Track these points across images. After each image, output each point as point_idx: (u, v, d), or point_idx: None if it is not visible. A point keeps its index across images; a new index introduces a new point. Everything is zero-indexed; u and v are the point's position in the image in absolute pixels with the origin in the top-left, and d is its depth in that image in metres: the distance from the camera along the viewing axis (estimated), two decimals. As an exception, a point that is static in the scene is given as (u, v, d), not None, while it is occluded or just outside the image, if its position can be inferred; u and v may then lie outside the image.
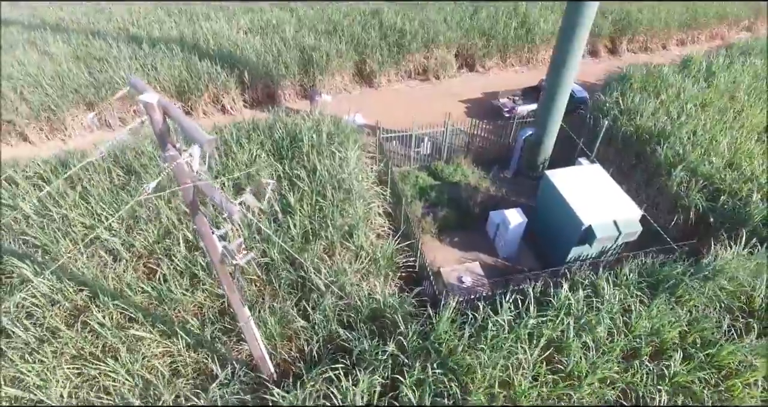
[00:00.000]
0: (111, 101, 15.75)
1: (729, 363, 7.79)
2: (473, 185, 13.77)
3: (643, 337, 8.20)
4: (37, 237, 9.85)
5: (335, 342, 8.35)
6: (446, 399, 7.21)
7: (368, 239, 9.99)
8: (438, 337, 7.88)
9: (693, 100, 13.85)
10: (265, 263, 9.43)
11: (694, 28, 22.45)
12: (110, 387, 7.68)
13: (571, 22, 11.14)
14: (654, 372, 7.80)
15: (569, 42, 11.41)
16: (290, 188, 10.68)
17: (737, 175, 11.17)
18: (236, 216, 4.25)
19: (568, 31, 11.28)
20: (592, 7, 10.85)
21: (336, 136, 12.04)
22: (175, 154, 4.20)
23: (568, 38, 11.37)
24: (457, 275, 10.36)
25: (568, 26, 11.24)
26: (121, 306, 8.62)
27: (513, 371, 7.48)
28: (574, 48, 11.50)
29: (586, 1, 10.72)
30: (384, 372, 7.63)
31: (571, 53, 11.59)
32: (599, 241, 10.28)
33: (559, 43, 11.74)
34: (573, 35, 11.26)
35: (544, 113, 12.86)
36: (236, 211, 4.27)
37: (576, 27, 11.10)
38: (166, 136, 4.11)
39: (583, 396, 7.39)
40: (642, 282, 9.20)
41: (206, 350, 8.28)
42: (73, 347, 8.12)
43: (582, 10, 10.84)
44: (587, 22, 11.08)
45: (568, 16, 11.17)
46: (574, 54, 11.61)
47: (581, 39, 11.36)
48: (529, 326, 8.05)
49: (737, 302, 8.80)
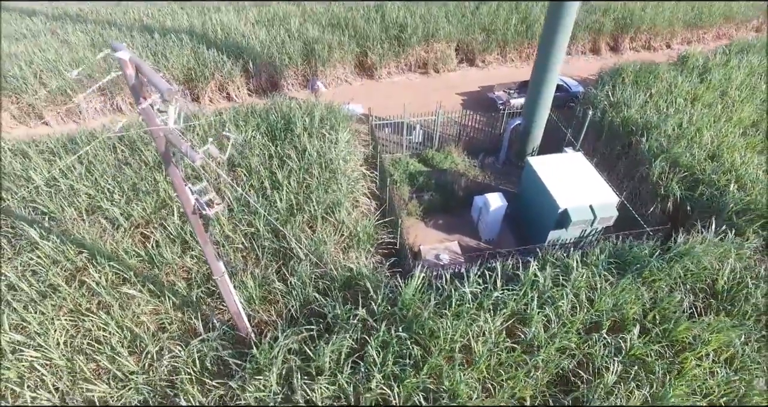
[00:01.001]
0: (95, 61, 16.37)
1: (684, 338, 8.08)
2: (462, 172, 14.19)
3: (604, 313, 8.53)
4: (45, 205, 10.65)
5: (311, 306, 8.89)
6: (407, 360, 7.68)
7: (350, 215, 10.51)
8: (405, 303, 8.35)
9: (683, 95, 14.02)
10: (251, 233, 10.04)
11: (700, 28, 22.40)
12: (101, 337, 8.35)
13: (555, 13, 11.49)
14: (612, 345, 8.14)
15: (554, 33, 11.75)
16: (280, 165, 11.28)
17: (717, 166, 11.36)
18: (198, 162, 4.82)
19: (553, 21, 11.62)
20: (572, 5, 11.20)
21: (328, 120, 12.60)
22: (148, 106, 4.78)
23: (553, 29, 11.71)
24: (435, 253, 10.80)
25: (552, 17, 11.58)
26: (116, 268, 9.31)
27: (473, 338, 7.90)
28: (558, 39, 11.84)
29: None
30: (354, 335, 8.14)
31: (556, 45, 11.94)
32: (574, 224, 10.61)
33: (544, 34, 12.09)
34: (557, 25, 11.59)
35: (531, 104, 13.21)
36: (198, 158, 4.84)
37: (560, 18, 11.44)
38: (139, 90, 4.70)
39: (538, 363, 7.77)
40: (611, 263, 9.53)
41: (191, 309, 8.91)
42: (71, 302, 8.84)
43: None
44: (571, 14, 11.41)
45: (550, 13, 11.52)
46: (558, 46, 11.95)
47: (566, 29, 11.67)
48: (492, 298, 8.46)
49: (701, 284, 9.05)
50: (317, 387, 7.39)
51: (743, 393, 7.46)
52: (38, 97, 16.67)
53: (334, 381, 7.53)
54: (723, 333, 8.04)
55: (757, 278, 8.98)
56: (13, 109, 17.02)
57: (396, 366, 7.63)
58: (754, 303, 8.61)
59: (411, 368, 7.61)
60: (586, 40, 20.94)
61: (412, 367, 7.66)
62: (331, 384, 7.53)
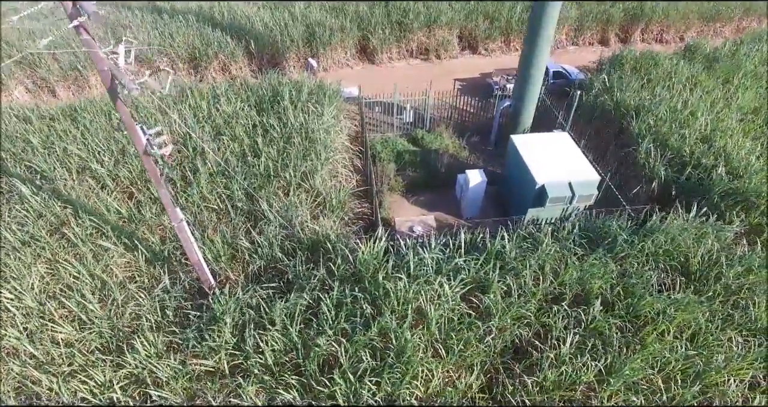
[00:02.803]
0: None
1: (647, 313, 7.86)
2: (451, 152, 14.13)
3: (568, 285, 8.38)
4: (39, 165, 11.16)
5: (275, 265, 9.05)
6: (359, 318, 7.73)
7: (326, 184, 10.63)
8: (362, 263, 8.40)
9: (683, 81, 13.61)
10: (227, 195, 10.28)
11: (717, 21, 21.64)
12: (72, 284, 8.70)
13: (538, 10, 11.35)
14: (572, 317, 7.99)
15: (542, 12, 11.56)
16: (263, 134, 11.50)
17: (706, 149, 10.99)
18: (135, 93, 5.02)
19: (539, 6, 11.45)
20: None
21: (315, 95, 12.77)
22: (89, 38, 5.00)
23: (541, 7, 11.53)
24: (409, 225, 10.81)
25: (536, 12, 11.44)
26: (95, 222, 9.69)
27: (427, 301, 7.88)
28: (546, 19, 11.61)
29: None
30: (312, 294, 8.24)
31: (543, 25, 11.71)
32: (552, 201, 10.44)
33: (532, 14, 11.89)
34: (545, 4, 11.42)
35: (520, 85, 13.05)
36: (134, 88, 5.03)
37: (543, 13, 11.31)
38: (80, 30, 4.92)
39: (491, 329, 7.69)
40: (583, 238, 9.35)
41: (161, 263, 9.18)
42: (50, 251, 9.24)
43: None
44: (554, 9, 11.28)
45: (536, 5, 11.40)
46: (546, 25, 11.72)
47: (554, 9, 11.46)
48: (452, 264, 8.42)
49: (673, 263, 8.79)
50: (268, 337, 7.53)
51: (702, 370, 7.21)
52: (51, 71, 17.45)
53: (286, 333, 7.65)
54: (688, 309, 7.79)
55: (732, 260, 8.66)
56: (28, 83, 17.86)
57: (347, 323, 7.69)
58: (724, 283, 8.31)
59: (362, 327, 7.66)
60: (594, 31, 20.53)
61: (364, 326, 7.70)
62: (284, 336, 7.65)
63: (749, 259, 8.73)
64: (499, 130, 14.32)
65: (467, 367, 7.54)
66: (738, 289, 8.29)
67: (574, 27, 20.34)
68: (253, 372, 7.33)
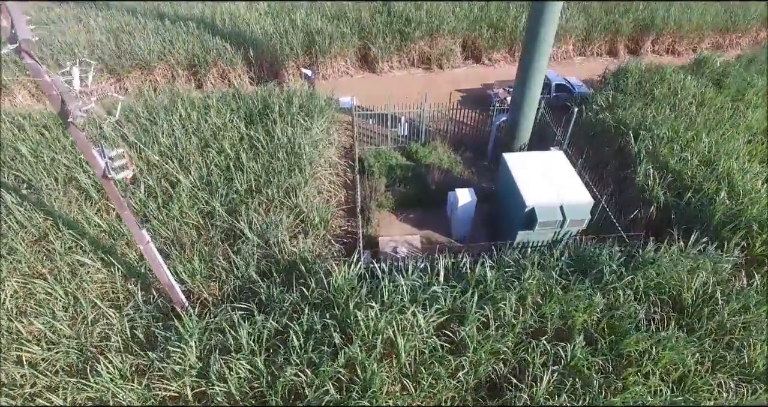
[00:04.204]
0: None
1: (631, 352, 7.42)
2: (445, 167, 13.77)
3: (549, 318, 7.98)
4: (25, 173, 11.16)
5: (249, 286, 8.83)
6: (327, 347, 7.45)
7: (310, 201, 10.38)
8: (336, 289, 8.13)
9: (689, 98, 13.03)
10: (208, 212, 10.11)
11: (733, 32, 20.83)
12: (45, 300, 8.61)
13: (538, 8, 10.91)
14: (551, 353, 7.58)
15: (539, 24, 11.12)
16: (249, 147, 11.32)
17: (709, 172, 10.45)
18: (78, 120, 4.82)
19: (536, 16, 11.03)
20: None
21: (305, 107, 12.56)
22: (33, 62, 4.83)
23: (538, 19, 11.09)
24: (393, 246, 10.50)
25: (537, 6, 10.99)
26: (74, 236, 9.61)
27: (399, 331, 7.56)
28: (543, 31, 11.17)
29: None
30: (282, 319, 8.00)
31: (541, 36, 11.28)
32: (542, 225, 10.01)
33: (529, 25, 11.45)
34: (541, 20, 11.00)
35: (517, 100, 12.63)
36: (79, 116, 4.84)
37: (543, 12, 10.86)
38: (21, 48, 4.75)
39: (464, 364, 7.33)
40: (571, 267, 8.93)
41: (137, 279, 9.05)
42: (26, 264, 9.18)
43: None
44: (554, 13, 10.82)
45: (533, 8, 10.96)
46: (544, 37, 11.30)
47: (551, 20, 11.02)
48: (428, 292, 8.09)
49: (665, 297, 8.31)
50: (233, 364, 7.31)
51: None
52: (54, 77, 17.60)
53: (252, 361, 7.41)
54: (676, 349, 7.33)
55: (728, 295, 8.14)
56: (31, 87, 18.06)
57: (315, 352, 7.42)
58: (718, 321, 7.80)
59: (330, 356, 7.39)
60: (602, 41, 19.93)
61: (332, 355, 7.43)
62: (249, 364, 7.42)
63: (747, 295, 8.21)
64: (496, 145, 13.91)
65: (437, 403, 7.20)
66: (733, 328, 7.79)
67: (582, 37, 19.77)
68: (216, 400, 7.12)
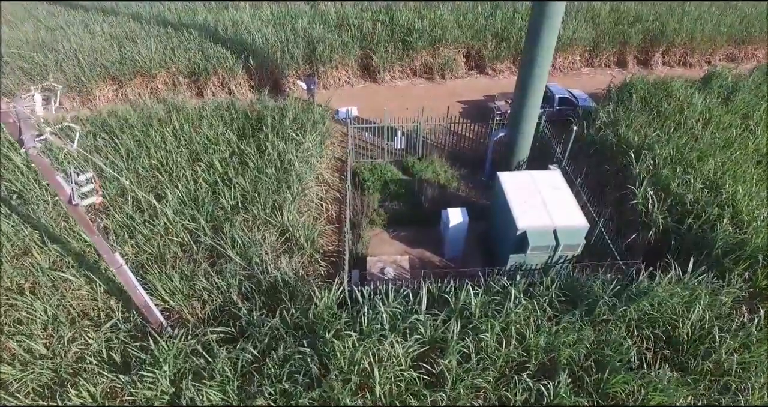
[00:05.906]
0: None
1: (618, 391, 7.05)
2: (441, 183, 13.48)
3: (533, 352, 7.64)
4: (17, 184, 11.18)
5: (229, 308, 8.66)
6: (301, 376, 7.23)
7: (296, 218, 10.19)
8: (316, 316, 7.90)
9: (695, 116, 12.54)
10: (194, 228, 9.98)
11: (749, 43, 20.13)
12: (24, 319, 8.53)
13: (537, 19, 10.53)
14: (533, 390, 7.24)
15: (539, 34, 10.68)
16: (239, 163, 11.19)
17: (712, 197, 9.99)
18: (31, 151, 4.68)
19: (536, 27, 10.66)
20: (557, 5, 10.19)
21: (298, 120, 12.38)
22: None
23: (538, 29, 10.66)
24: (380, 266, 10.24)
25: (535, 23, 10.62)
26: (59, 251, 9.55)
27: (375, 361, 7.30)
28: (544, 41, 10.70)
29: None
30: (260, 345, 7.80)
31: (541, 47, 10.80)
32: (534, 250, 9.67)
33: (529, 35, 10.99)
34: (540, 31, 10.62)
35: (516, 114, 12.28)
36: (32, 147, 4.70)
37: (542, 24, 10.48)
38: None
39: (439, 399, 7.04)
40: (561, 296, 8.57)
41: (118, 296, 8.94)
42: (8, 280, 9.13)
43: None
44: (555, 20, 10.42)
45: (534, 13, 10.56)
46: (544, 48, 10.81)
47: (552, 30, 10.55)
48: (408, 321, 7.82)
49: (657, 331, 7.90)
50: (205, 392, 7.13)
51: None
52: (57, 81, 17.72)
53: (224, 389, 7.23)
54: (666, 392, 6.94)
55: (727, 331, 7.71)
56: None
57: (289, 381, 7.20)
58: (715, 360, 7.38)
59: (304, 387, 7.16)
60: (611, 52, 19.42)
61: (307, 386, 7.20)
62: (221, 392, 7.24)
63: (747, 332, 7.76)
64: (493, 161, 13.56)
65: (412, 440, 6.93)
66: (730, 368, 7.36)
67: (589, 48, 19.29)
68: (185, 429, 6.95)
